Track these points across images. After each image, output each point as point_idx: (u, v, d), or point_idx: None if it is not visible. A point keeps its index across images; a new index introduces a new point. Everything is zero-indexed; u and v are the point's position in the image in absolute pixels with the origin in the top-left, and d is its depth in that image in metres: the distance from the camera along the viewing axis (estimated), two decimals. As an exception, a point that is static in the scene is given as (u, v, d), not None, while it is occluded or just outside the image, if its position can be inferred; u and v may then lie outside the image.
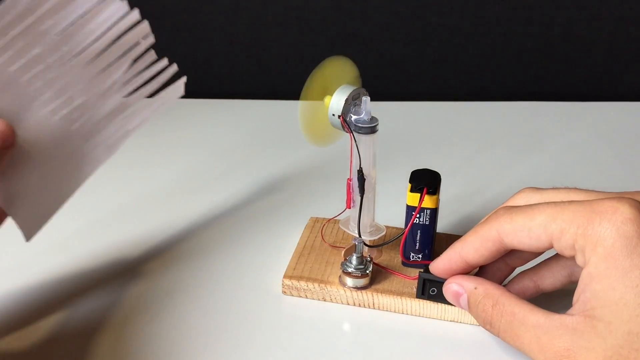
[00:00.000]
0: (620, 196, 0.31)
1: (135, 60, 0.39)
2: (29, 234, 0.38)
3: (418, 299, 0.40)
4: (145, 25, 0.38)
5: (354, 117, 0.40)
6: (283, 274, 0.43)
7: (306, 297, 0.42)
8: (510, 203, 0.37)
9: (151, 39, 0.38)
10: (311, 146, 0.43)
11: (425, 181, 0.41)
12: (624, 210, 0.30)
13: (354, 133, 0.40)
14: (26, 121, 0.36)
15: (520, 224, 0.33)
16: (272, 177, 0.59)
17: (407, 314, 0.41)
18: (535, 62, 0.76)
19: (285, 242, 0.48)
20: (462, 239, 0.37)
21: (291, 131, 0.66)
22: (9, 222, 0.36)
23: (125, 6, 0.37)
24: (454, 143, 0.66)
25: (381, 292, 0.41)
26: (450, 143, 0.66)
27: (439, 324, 0.40)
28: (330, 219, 0.48)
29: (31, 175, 0.37)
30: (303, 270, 0.43)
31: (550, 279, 0.38)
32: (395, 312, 0.41)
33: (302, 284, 0.42)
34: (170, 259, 0.47)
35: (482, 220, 0.36)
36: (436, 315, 0.40)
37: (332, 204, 0.54)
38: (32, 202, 0.38)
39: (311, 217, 0.49)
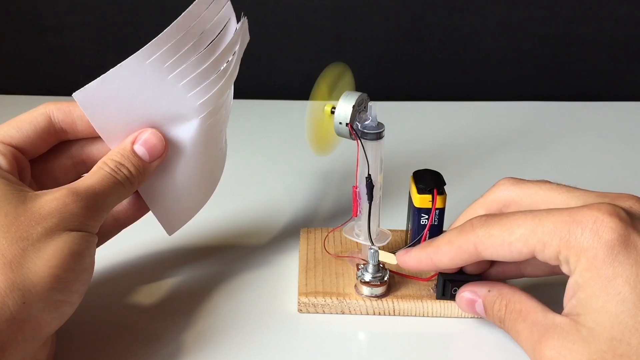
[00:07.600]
0: (599, 202, 0.32)
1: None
2: (170, 229, 0.41)
3: (439, 300, 0.40)
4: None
5: (359, 124, 0.39)
6: (297, 291, 0.41)
7: (324, 312, 0.41)
8: (490, 196, 0.37)
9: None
10: (302, 152, 0.42)
11: (433, 182, 0.41)
12: (604, 219, 0.30)
13: (361, 140, 0.39)
14: (179, 125, 0.37)
15: (499, 239, 0.33)
16: (256, 186, 0.57)
17: (428, 316, 0.41)
18: (536, 62, 0.75)
19: (283, 257, 0.46)
20: (435, 244, 0.36)
21: (286, 132, 0.64)
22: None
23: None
24: (453, 143, 0.65)
25: (401, 298, 0.40)
26: (450, 143, 0.65)
27: (460, 322, 0.40)
28: (332, 230, 0.47)
29: (175, 175, 0.38)
30: (316, 285, 0.41)
31: (531, 270, 0.39)
32: (415, 315, 0.41)
33: (320, 299, 0.40)
34: (164, 285, 0.44)
35: (457, 227, 0.35)
36: (458, 313, 0.40)
37: (318, 212, 0.53)
38: (173, 199, 0.39)
39: (302, 229, 0.48)
